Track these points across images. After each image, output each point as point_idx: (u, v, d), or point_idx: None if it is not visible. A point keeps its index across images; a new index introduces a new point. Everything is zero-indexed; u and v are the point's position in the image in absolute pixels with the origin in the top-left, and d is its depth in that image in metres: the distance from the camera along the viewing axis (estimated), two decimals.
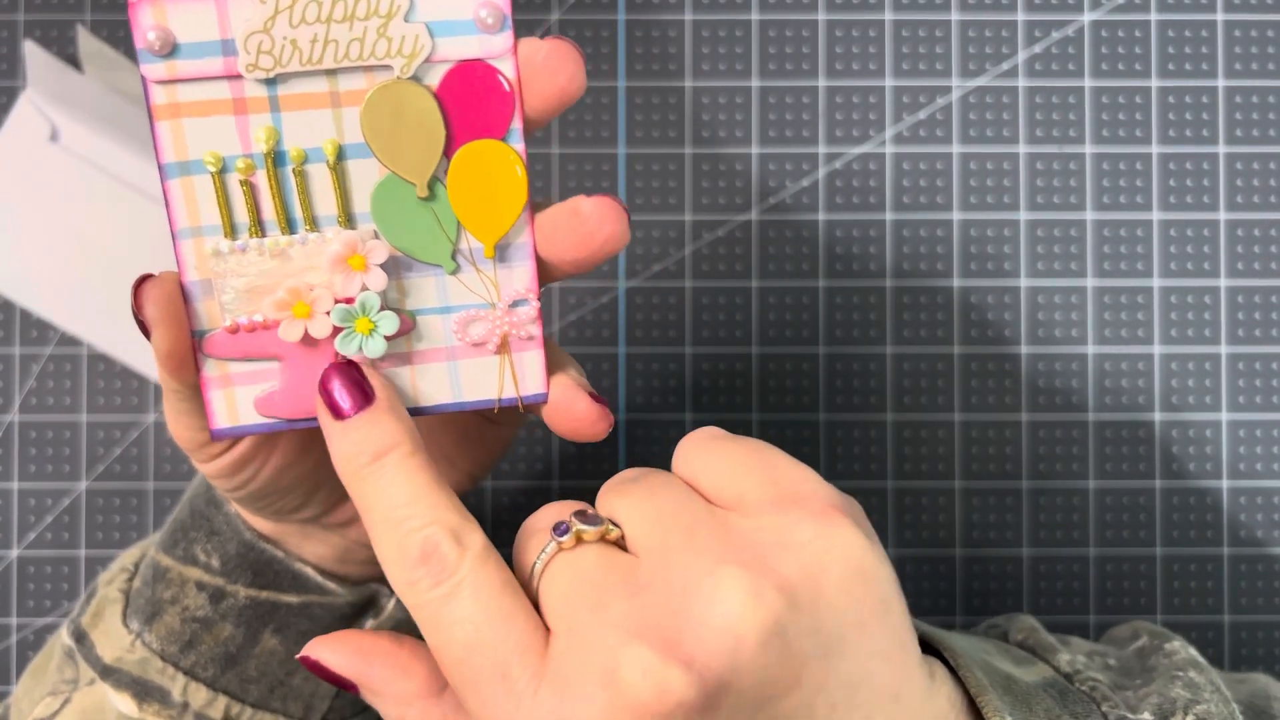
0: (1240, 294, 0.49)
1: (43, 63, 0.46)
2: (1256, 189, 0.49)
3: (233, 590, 0.36)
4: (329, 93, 0.28)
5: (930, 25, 0.49)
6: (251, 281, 0.29)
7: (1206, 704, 0.32)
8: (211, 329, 0.29)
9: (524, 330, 0.30)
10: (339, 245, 0.29)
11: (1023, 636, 0.35)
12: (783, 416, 0.48)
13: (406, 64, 0.28)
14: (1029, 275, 0.49)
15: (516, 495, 0.48)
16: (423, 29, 0.28)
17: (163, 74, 0.27)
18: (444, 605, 0.26)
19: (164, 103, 0.28)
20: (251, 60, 0.27)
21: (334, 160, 0.29)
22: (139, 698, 0.36)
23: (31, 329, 0.48)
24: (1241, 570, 0.48)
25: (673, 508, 0.27)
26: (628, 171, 0.49)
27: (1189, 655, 0.35)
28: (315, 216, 0.29)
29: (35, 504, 0.48)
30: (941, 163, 0.49)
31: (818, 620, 0.25)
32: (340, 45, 0.28)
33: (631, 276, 0.49)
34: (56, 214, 0.48)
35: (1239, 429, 0.48)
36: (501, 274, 0.30)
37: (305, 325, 0.29)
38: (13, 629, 0.48)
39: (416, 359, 0.30)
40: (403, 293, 0.30)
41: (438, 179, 0.29)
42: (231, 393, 0.30)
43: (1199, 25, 0.49)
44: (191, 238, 0.29)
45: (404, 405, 0.29)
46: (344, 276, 0.29)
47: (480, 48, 0.28)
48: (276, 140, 0.28)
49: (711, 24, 0.49)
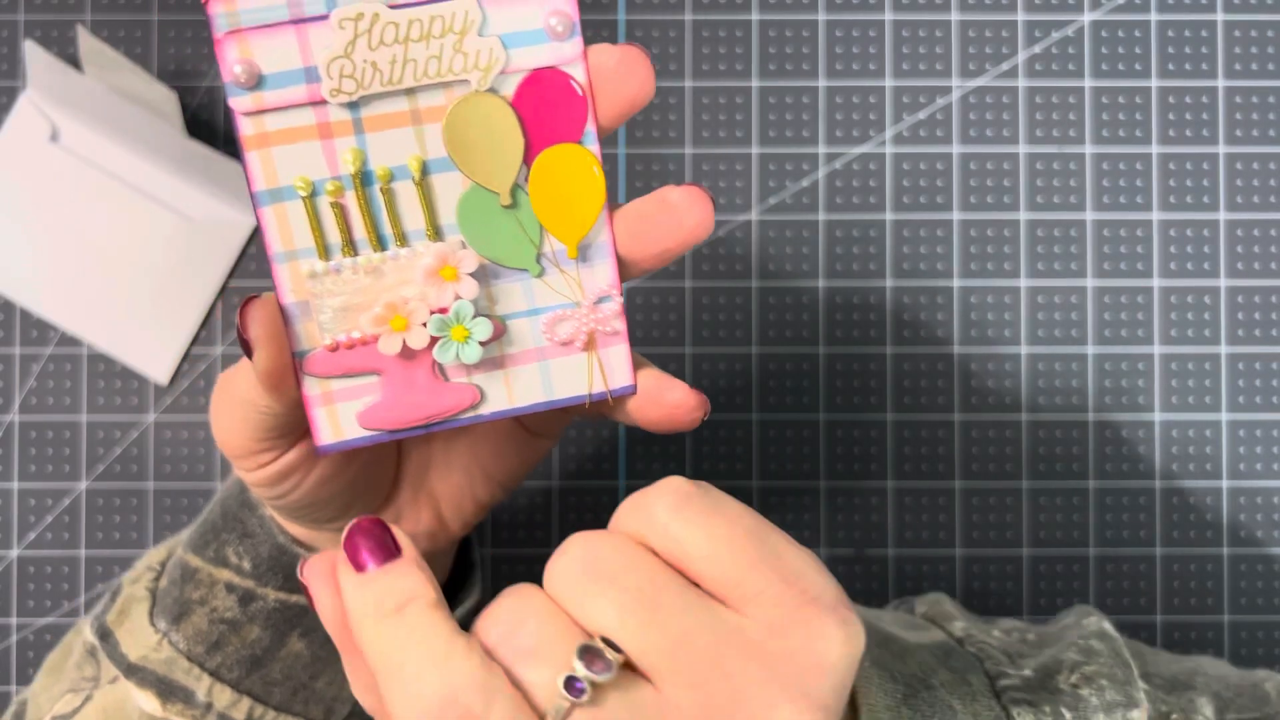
0: (1240, 294, 0.49)
1: (43, 63, 0.46)
2: (1256, 189, 0.49)
3: (263, 593, 0.36)
4: (410, 111, 0.29)
5: (930, 25, 0.49)
6: (348, 300, 0.30)
7: (1097, 666, 0.33)
8: (311, 348, 0.30)
9: (609, 326, 0.31)
10: (431, 258, 0.30)
11: (925, 609, 0.36)
12: (783, 416, 0.48)
13: (483, 77, 0.29)
14: (1029, 275, 0.49)
15: (517, 496, 0.48)
16: (496, 42, 0.29)
17: (250, 106, 0.28)
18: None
19: (253, 133, 0.28)
20: (335, 85, 0.28)
21: (419, 176, 0.29)
22: (163, 697, 0.36)
23: (32, 329, 0.48)
24: (1241, 570, 0.48)
25: (683, 624, 0.25)
26: (628, 171, 0.49)
27: (1100, 628, 0.35)
28: (405, 232, 0.30)
29: (35, 504, 0.48)
30: (941, 163, 0.49)
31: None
32: (419, 64, 0.28)
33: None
34: (57, 214, 0.48)
35: (1239, 429, 0.48)
36: (584, 273, 0.31)
37: (403, 337, 0.30)
38: (13, 629, 0.48)
39: (509, 362, 0.31)
40: (492, 299, 0.31)
41: (519, 186, 0.30)
42: (334, 409, 0.31)
43: (1199, 25, 0.49)
44: (287, 261, 0.30)
45: (424, 566, 0.29)
46: (437, 288, 0.30)
47: (552, 55, 0.29)
48: (363, 161, 0.29)
49: (711, 24, 0.49)
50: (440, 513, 0.36)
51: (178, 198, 0.48)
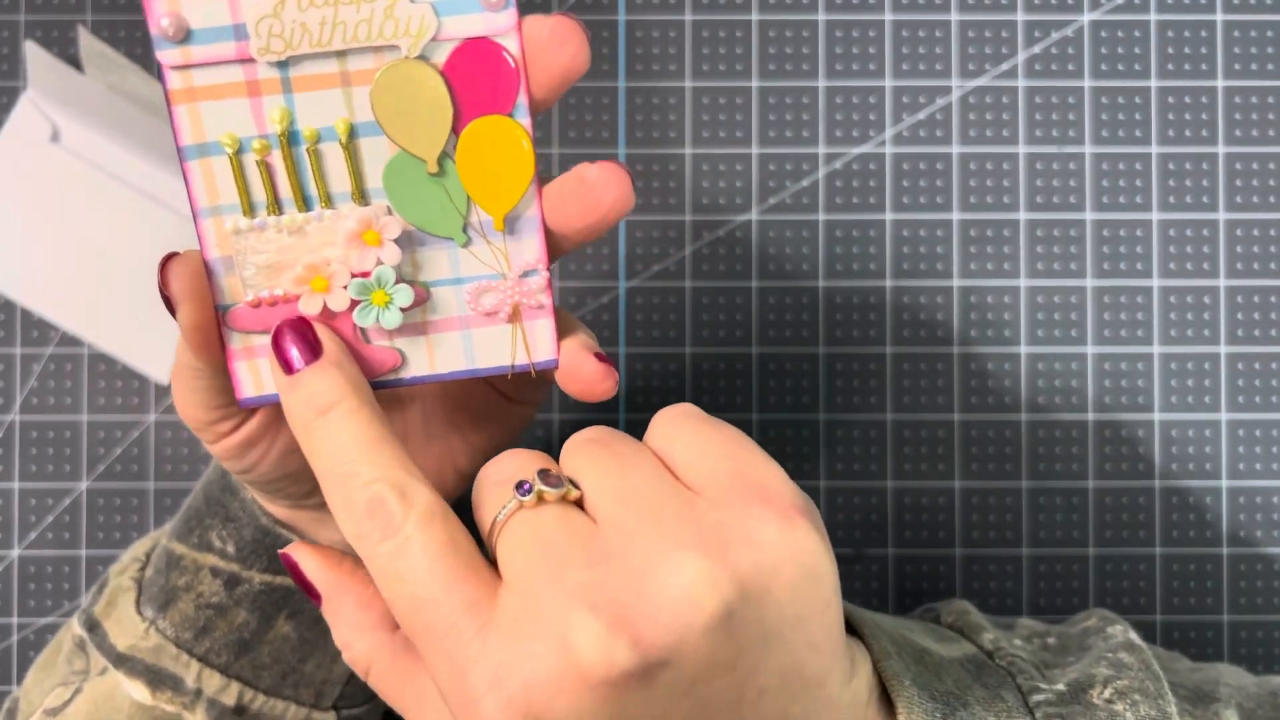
0: (1240, 294, 0.49)
1: (44, 63, 0.46)
2: (1256, 189, 0.49)
3: (248, 576, 0.36)
4: (339, 73, 0.29)
5: (930, 25, 0.49)
6: (271, 258, 0.30)
7: (1129, 680, 0.33)
8: (234, 303, 0.30)
9: (534, 300, 0.31)
10: (354, 222, 0.30)
11: (953, 619, 0.37)
12: (783, 416, 0.48)
13: (413, 44, 0.29)
14: (1029, 275, 0.49)
15: None
16: (428, 9, 0.28)
17: (177, 59, 0.28)
18: (392, 560, 0.27)
19: (180, 87, 0.29)
20: (263, 44, 0.28)
21: (346, 139, 0.29)
22: (152, 685, 0.36)
23: (32, 329, 0.48)
24: (1241, 570, 0.48)
25: (641, 483, 0.27)
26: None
27: (1126, 639, 0.35)
28: (330, 193, 0.30)
29: (36, 504, 0.48)
30: (941, 163, 0.49)
31: (763, 613, 0.26)
32: (349, 26, 0.28)
33: (631, 276, 0.49)
34: (57, 214, 0.48)
35: (1238, 429, 0.48)
36: (511, 246, 0.31)
37: (324, 299, 0.30)
38: (13, 629, 0.48)
39: (431, 329, 0.31)
40: (416, 266, 0.31)
41: (447, 155, 0.30)
42: (256, 364, 0.31)
43: (1199, 25, 0.49)
44: (211, 216, 0.30)
45: (352, 360, 0.30)
46: (359, 252, 0.30)
47: (485, 25, 0.29)
48: (290, 120, 0.29)
49: (711, 24, 0.49)
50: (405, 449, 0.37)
51: (178, 198, 0.48)
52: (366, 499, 0.27)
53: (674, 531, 0.26)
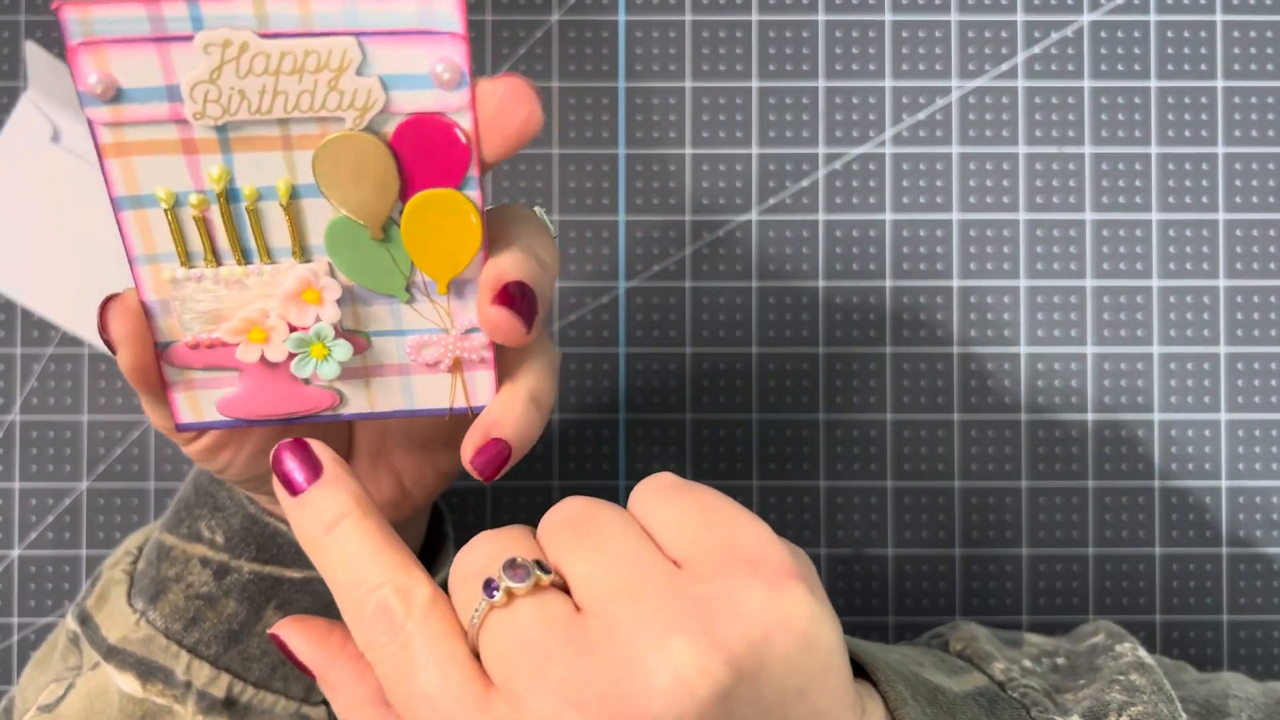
0: (1239, 294, 0.49)
1: (44, 63, 0.46)
2: (1255, 189, 0.49)
3: (236, 565, 0.37)
4: (281, 137, 0.28)
5: (930, 26, 0.49)
6: (208, 306, 0.30)
7: (1143, 706, 0.32)
8: (173, 340, 0.30)
9: (476, 355, 0.31)
10: (293, 281, 0.29)
11: (961, 646, 0.36)
12: (783, 416, 0.48)
13: (359, 116, 0.28)
14: (1029, 275, 0.49)
15: (517, 495, 0.48)
16: (376, 83, 0.27)
17: (107, 117, 0.27)
18: (395, 660, 0.27)
19: (111, 142, 0.27)
20: (199, 109, 0.27)
21: (287, 200, 0.29)
22: (143, 678, 0.36)
23: (32, 329, 0.48)
24: (1240, 570, 0.49)
25: (623, 560, 0.26)
26: (628, 171, 0.49)
27: (1136, 658, 0.35)
28: (270, 248, 0.29)
29: (36, 504, 0.48)
30: (941, 163, 0.49)
31: (759, 690, 0.25)
32: (290, 96, 0.27)
33: (631, 276, 0.49)
34: (58, 214, 0.48)
35: (1238, 429, 0.49)
36: (455, 305, 0.30)
37: (262, 349, 0.30)
38: (13, 629, 0.48)
39: (371, 373, 0.31)
40: (358, 319, 0.30)
41: (392, 221, 0.29)
42: (195, 394, 0.31)
43: (1198, 26, 0.49)
44: (149, 263, 0.29)
45: (351, 471, 0.30)
46: (299, 308, 0.30)
47: (436, 102, 0.28)
48: (229, 179, 0.28)
49: (711, 24, 0.49)
50: (402, 483, 0.37)
51: None
52: (374, 605, 0.27)
53: (659, 613, 0.25)
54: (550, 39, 0.49)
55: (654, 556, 0.26)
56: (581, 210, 0.49)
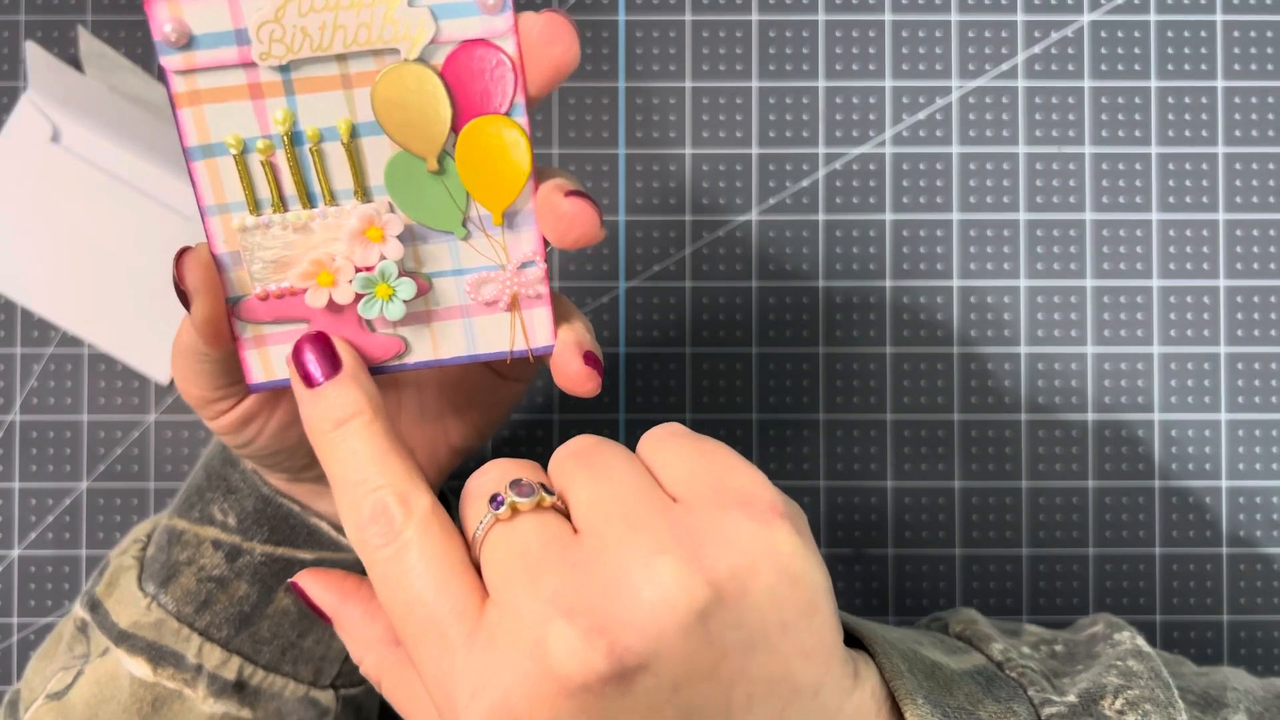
0: (1239, 294, 0.49)
1: (44, 64, 0.46)
2: (1255, 189, 0.49)
3: (249, 547, 0.37)
4: (340, 75, 0.29)
5: (930, 25, 0.49)
6: (277, 253, 0.31)
7: (1140, 690, 0.33)
8: (243, 295, 0.31)
9: (532, 290, 0.32)
10: (356, 220, 0.30)
11: (961, 628, 0.37)
12: (783, 416, 0.48)
13: (412, 46, 0.29)
14: (1029, 275, 0.49)
15: None
16: (426, 13, 0.29)
17: (180, 64, 0.29)
18: (390, 564, 0.28)
19: (184, 90, 0.29)
20: (264, 49, 0.29)
21: (348, 138, 0.30)
22: (153, 662, 0.36)
23: (32, 329, 0.48)
24: (1240, 570, 0.49)
25: (622, 490, 0.27)
26: (628, 171, 0.49)
27: (1134, 645, 0.35)
28: (333, 191, 0.31)
29: (36, 504, 0.48)
30: (941, 163, 0.49)
31: (741, 615, 0.26)
32: (349, 30, 0.29)
33: (631, 276, 0.49)
34: (58, 214, 0.48)
35: (1238, 429, 0.49)
36: (509, 239, 0.31)
37: (330, 292, 0.31)
38: (13, 629, 0.48)
39: (434, 318, 0.32)
40: (418, 259, 0.31)
41: (447, 153, 0.30)
42: (266, 351, 0.32)
43: (1198, 26, 0.49)
44: (219, 214, 0.30)
45: (368, 373, 0.31)
46: (363, 247, 0.31)
47: (482, 28, 0.29)
48: (293, 121, 0.30)
49: (711, 24, 0.49)
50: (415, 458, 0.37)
51: (178, 198, 0.48)
52: (371, 505, 0.28)
53: (649, 537, 0.26)
54: None
55: (652, 490, 0.28)
56: None
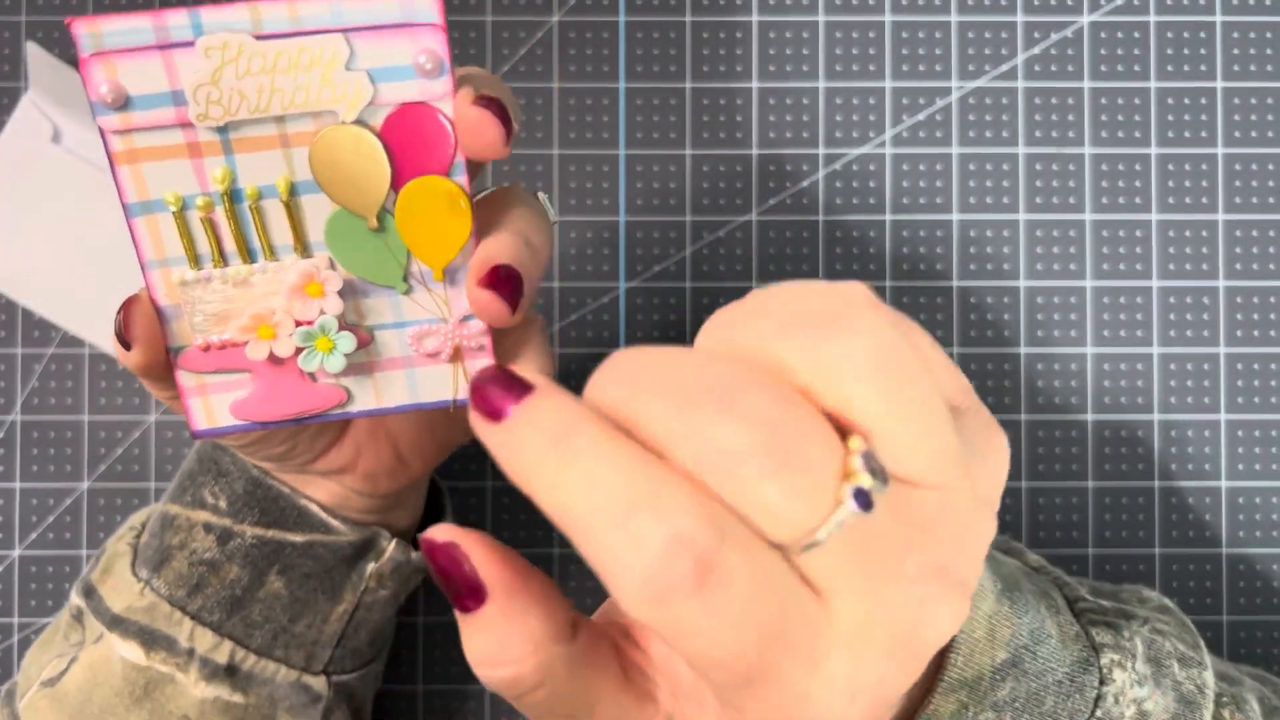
0: (1239, 295, 0.49)
1: (45, 64, 0.46)
2: (1255, 190, 0.49)
3: (239, 530, 0.37)
4: (279, 135, 0.30)
5: (930, 26, 0.49)
6: (218, 307, 0.31)
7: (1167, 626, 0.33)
8: (185, 345, 0.32)
9: (475, 341, 0.32)
10: (296, 275, 0.31)
11: (1000, 543, 0.37)
12: None
13: (349, 109, 0.29)
14: (1028, 276, 0.49)
15: (516, 496, 0.48)
16: (364, 76, 0.29)
17: (118, 125, 0.29)
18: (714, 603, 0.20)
19: (122, 149, 0.29)
20: (202, 110, 0.29)
21: (287, 196, 0.30)
22: (146, 646, 0.37)
23: (33, 329, 0.48)
24: (1240, 570, 0.49)
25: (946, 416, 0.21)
26: (628, 172, 0.49)
27: (1162, 603, 0.36)
28: (273, 246, 0.31)
29: (36, 504, 0.48)
30: (941, 164, 0.49)
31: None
32: (285, 94, 0.29)
33: (631, 276, 0.49)
34: (58, 214, 0.48)
35: (1237, 429, 0.49)
36: (451, 293, 0.32)
37: (270, 345, 0.31)
38: (14, 629, 0.48)
39: (376, 368, 0.32)
40: (360, 312, 0.32)
41: (387, 211, 0.31)
42: (208, 400, 0.32)
43: (1198, 27, 0.49)
44: (159, 268, 0.31)
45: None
46: (303, 302, 0.31)
47: (420, 91, 0.30)
48: (232, 179, 0.30)
49: (711, 25, 0.49)
50: (400, 451, 0.38)
51: None
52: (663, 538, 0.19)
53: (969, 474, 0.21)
54: (550, 39, 0.49)
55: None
56: (581, 210, 0.49)
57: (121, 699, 0.37)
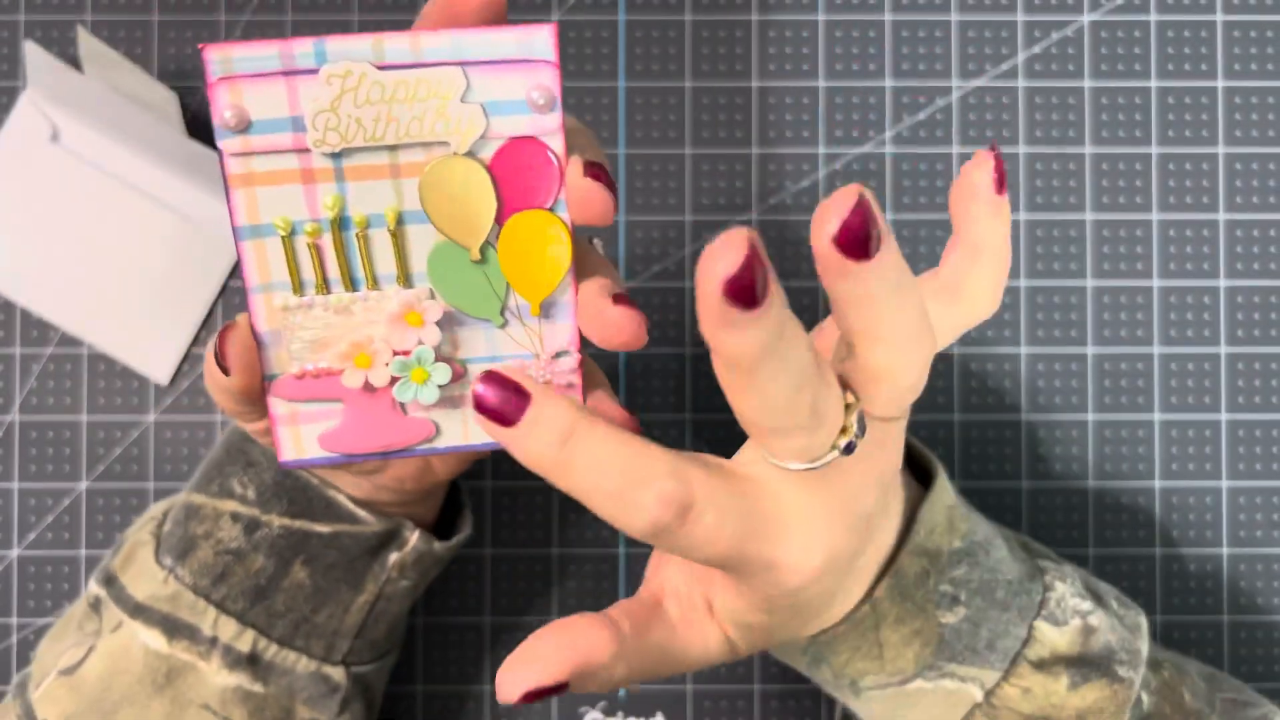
0: (1239, 294, 0.49)
1: (43, 63, 0.46)
2: (1256, 189, 0.49)
3: (267, 520, 0.38)
4: (390, 165, 0.30)
5: (930, 25, 0.49)
6: (317, 333, 0.32)
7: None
8: (280, 373, 0.32)
9: (564, 379, 0.33)
10: (397, 304, 0.31)
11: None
12: None
13: (462, 141, 0.30)
14: (1029, 275, 0.49)
15: (516, 496, 0.48)
16: (478, 109, 0.30)
17: (238, 148, 0.30)
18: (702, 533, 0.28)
19: (239, 172, 0.30)
20: (319, 136, 0.30)
21: (394, 225, 0.31)
22: (168, 633, 0.37)
23: (32, 329, 0.48)
24: (1240, 570, 0.49)
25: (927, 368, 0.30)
26: (628, 172, 0.49)
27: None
28: (376, 274, 0.31)
29: (35, 504, 0.48)
30: (941, 163, 0.49)
31: None
32: (401, 124, 0.30)
33: (631, 276, 0.49)
34: (57, 214, 0.48)
35: (1238, 429, 0.49)
36: (545, 329, 0.32)
37: (366, 374, 0.32)
38: (13, 629, 0.48)
39: (466, 402, 0.33)
40: (455, 344, 0.32)
41: (489, 244, 0.31)
42: (298, 430, 0.33)
43: (1198, 26, 0.49)
44: (263, 292, 0.31)
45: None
46: (401, 331, 0.32)
47: (531, 126, 0.30)
48: (342, 207, 0.31)
49: (711, 24, 0.49)
50: (429, 459, 0.38)
51: (178, 198, 0.48)
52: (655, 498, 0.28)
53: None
54: None
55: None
56: None
57: (142, 687, 0.37)
